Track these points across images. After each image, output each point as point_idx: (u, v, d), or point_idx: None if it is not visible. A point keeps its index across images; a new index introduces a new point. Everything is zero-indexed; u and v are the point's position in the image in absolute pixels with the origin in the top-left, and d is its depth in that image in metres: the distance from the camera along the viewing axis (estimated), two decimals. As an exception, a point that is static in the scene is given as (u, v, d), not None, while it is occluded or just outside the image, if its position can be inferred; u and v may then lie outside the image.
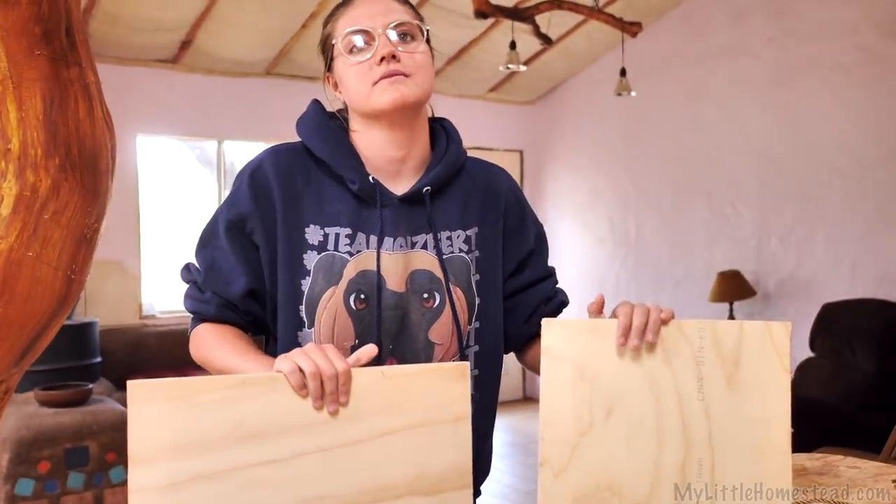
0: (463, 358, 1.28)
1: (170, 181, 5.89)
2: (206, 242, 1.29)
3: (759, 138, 5.42)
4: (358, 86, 1.23)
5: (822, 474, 1.40)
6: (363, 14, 1.23)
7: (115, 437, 4.17)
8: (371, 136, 1.28)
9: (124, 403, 4.48)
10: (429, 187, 1.27)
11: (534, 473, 1.13)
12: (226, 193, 1.41)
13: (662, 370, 1.09)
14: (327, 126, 1.30)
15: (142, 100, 5.40)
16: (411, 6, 1.31)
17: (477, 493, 1.36)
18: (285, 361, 1.04)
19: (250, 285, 1.26)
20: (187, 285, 1.31)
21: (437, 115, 1.39)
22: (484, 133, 6.92)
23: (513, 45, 5.01)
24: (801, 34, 5.18)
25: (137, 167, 5.49)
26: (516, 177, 7.15)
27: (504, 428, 6.00)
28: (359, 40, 1.22)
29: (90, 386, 4.44)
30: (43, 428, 4.03)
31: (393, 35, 1.22)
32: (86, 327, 4.77)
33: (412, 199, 1.27)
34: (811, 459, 1.50)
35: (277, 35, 5.42)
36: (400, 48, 1.22)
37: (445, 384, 1.08)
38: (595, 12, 4.81)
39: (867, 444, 3.45)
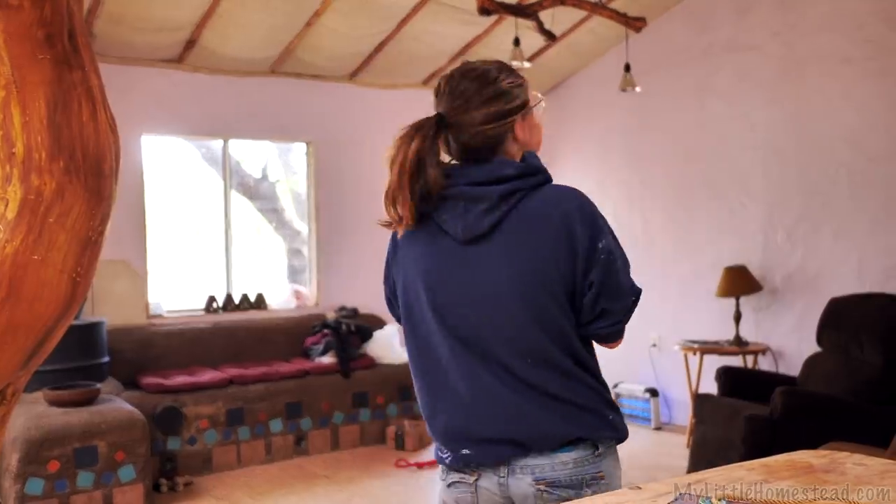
0: None
1: (175, 180, 5.90)
2: None
3: (765, 133, 5.40)
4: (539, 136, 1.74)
5: (829, 472, 1.40)
6: None
7: (123, 437, 4.17)
8: None
9: (132, 402, 4.52)
10: None
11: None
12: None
13: None
14: None
15: (147, 99, 5.41)
16: None
17: None
18: None
19: None
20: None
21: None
22: (489, 130, 6.90)
23: (516, 42, 5.00)
24: (808, 28, 5.16)
25: (143, 167, 5.50)
26: (522, 173, 7.16)
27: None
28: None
29: (98, 385, 4.46)
30: (52, 427, 4.04)
31: None
32: (93, 327, 4.78)
33: None
34: (817, 457, 1.50)
35: (282, 33, 5.42)
36: None
37: None
38: (599, 8, 4.80)
39: (875, 438, 3.44)
